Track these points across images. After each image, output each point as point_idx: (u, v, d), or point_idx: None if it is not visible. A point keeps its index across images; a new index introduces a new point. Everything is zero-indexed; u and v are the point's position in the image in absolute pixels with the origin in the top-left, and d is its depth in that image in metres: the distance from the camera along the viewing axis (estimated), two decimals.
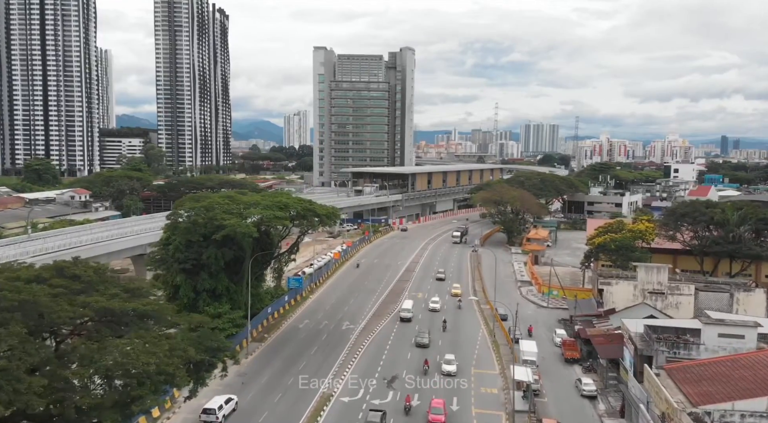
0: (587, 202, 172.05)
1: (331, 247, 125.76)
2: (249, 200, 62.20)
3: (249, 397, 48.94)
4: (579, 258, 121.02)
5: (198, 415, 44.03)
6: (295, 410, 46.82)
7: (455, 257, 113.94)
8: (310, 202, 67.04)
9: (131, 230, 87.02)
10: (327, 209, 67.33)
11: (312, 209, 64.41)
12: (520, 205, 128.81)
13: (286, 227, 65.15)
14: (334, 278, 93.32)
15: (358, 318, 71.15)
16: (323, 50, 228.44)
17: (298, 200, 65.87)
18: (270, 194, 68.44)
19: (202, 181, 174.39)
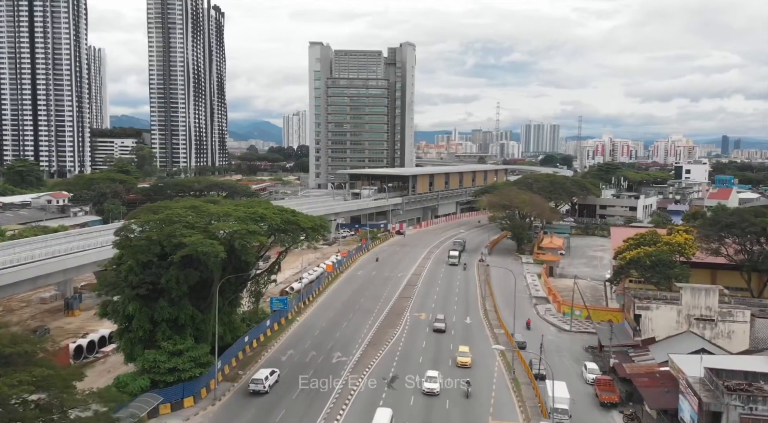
0: (599, 206, 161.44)
1: (325, 255, 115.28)
2: (218, 211, 51.48)
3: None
4: (596, 268, 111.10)
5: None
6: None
7: (460, 270, 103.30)
8: (293, 212, 56.45)
9: (96, 241, 76.32)
10: (313, 221, 56.77)
11: (295, 222, 53.88)
12: (530, 209, 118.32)
13: (263, 244, 54.57)
14: (326, 295, 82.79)
15: (351, 347, 60.61)
16: (319, 46, 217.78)
17: (279, 211, 55.24)
18: (245, 204, 57.72)
19: (189, 184, 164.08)
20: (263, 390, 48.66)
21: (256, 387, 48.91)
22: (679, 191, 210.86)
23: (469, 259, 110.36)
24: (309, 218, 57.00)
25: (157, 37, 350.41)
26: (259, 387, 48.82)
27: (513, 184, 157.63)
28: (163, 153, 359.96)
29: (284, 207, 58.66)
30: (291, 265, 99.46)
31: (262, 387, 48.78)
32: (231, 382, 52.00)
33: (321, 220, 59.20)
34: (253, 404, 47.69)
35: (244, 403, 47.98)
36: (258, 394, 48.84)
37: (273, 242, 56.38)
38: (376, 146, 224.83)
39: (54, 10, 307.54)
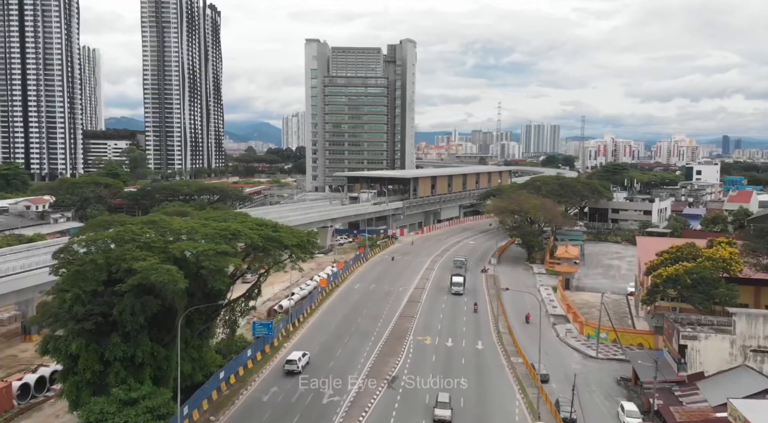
0: (611, 210, 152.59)
1: (320, 266, 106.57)
2: (182, 227, 42.77)
3: None
4: (615, 279, 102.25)
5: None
6: None
7: (469, 283, 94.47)
8: (274, 226, 47.66)
9: (47, 258, 66.70)
10: (299, 236, 48.02)
11: (276, 238, 45.11)
12: (541, 215, 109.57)
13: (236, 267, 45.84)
14: (318, 314, 73.97)
15: (345, 382, 51.79)
16: (316, 43, 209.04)
17: (258, 225, 46.51)
18: (218, 216, 48.85)
19: (177, 187, 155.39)
20: (297, 369, 52.15)
21: (290, 367, 52.49)
22: (691, 193, 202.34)
23: (474, 279, 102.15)
24: (294, 233, 48.28)
25: (151, 36, 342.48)
26: (293, 367, 52.42)
27: (520, 187, 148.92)
28: (158, 155, 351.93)
29: (265, 219, 49.88)
30: (281, 278, 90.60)
31: (296, 367, 52.49)
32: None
33: (309, 235, 50.38)
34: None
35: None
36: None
37: (250, 264, 47.62)
38: (375, 147, 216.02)
39: (45, 10, 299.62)
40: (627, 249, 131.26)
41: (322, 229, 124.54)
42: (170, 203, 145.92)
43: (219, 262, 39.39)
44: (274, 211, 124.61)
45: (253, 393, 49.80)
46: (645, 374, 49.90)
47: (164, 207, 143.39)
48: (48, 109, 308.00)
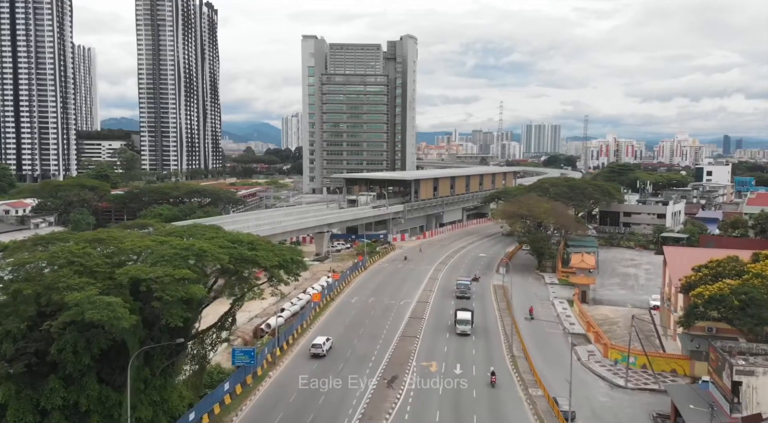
0: (623, 213, 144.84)
1: (314, 275, 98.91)
2: (137, 246, 35.22)
3: None
4: (634, 291, 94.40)
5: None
6: None
7: (473, 292, 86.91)
8: (251, 243, 40.10)
9: None
10: (280, 255, 40.40)
11: (251, 259, 37.55)
12: (553, 220, 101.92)
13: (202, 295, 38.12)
14: (310, 334, 66.10)
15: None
16: (313, 40, 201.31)
17: (231, 241, 38.91)
18: (183, 231, 41.02)
19: (167, 190, 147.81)
20: (322, 352, 56.56)
21: (316, 350, 56.92)
22: (703, 195, 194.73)
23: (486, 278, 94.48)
24: (276, 251, 40.72)
25: (146, 34, 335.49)
26: (318, 350, 56.93)
27: (527, 190, 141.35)
28: (153, 155, 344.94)
29: (241, 234, 42.26)
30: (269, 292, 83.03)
31: (321, 350, 56.94)
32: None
33: (292, 253, 42.74)
34: None
35: None
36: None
37: (218, 290, 39.99)
38: (374, 147, 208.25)
39: (37, 8, 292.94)
40: (642, 255, 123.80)
41: (318, 234, 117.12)
42: (159, 206, 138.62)
43: (175, 292, 31.83)
44: (267, 216, 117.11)
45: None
46: (691, 416, 42.27)
47: (153, 209, 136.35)
48: (40, 109, 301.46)
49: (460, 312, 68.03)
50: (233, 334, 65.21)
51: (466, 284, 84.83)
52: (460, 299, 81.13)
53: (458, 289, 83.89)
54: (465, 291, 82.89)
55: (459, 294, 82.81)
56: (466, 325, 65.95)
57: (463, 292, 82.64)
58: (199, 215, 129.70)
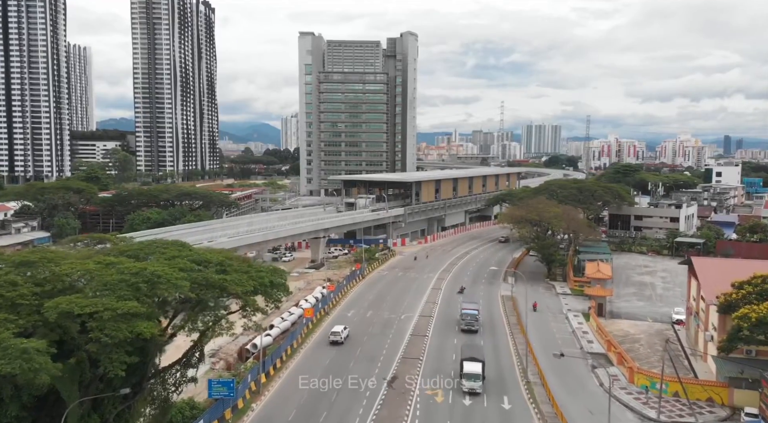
0: (634, 216, 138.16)
1: (309, 284, 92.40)
2: (75, 270, 28.59)
3: None
4: (653, 302, 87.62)
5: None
6: None
7: (483, 309, 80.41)
8: (221, 262, 33.48)
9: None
10: (258, 278, 33.70)
11: (218, 284, 30.89)
12: (565, 226, 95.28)
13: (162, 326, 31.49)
14: (299, 357, 59.34)
15: None
16: (310, 36, 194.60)
17: (196, 263, 32.26)
18: (136, 249, 34.22)
19: (156, 193, 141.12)
20: (340, 340, 60.24)
21: (335, 337, 60.04)
22: (714, 197, 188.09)
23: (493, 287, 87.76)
24: (250, 273, 33.92)
25: (142, 33, 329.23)
26: (337, 337, 60.65)
27: (534, 192, 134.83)
28: (149, 156, 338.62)
29: (211, 251, 35.65)
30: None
31: (339, 338, 60.61)
32: None
33: (272, 275, 35.94)
34: None
35: None
36: None
37: (176, 322, 33.31)
38: (374, 148, 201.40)
39: (29, 6, 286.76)
40: (655, 261, 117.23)
41: (314, 240, 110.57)
42: (148, 210, 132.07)
43: (117, 331, 25.27)
44: (260, 220, 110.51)
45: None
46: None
47: (141, 213, 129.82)
48: (33, 109, 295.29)
49: (468, 363, 51.47)
50: (215, 355, 58.84)
51: (473, 314, 68.23)
52: (465, 333, 66.19)
53: (463, 320, 67.75)
54: (472, 323, 67.13)
55: (464, 327, 66.91)
56: (476, 380, 50.37)
57: (470, 325, 66.94)
58: (189, 219, 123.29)
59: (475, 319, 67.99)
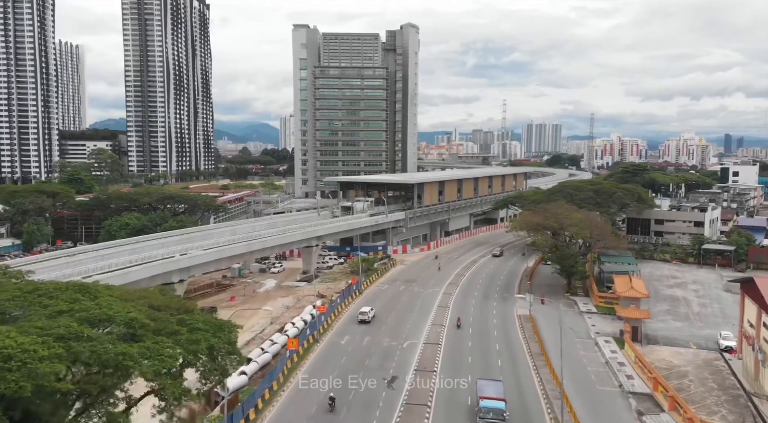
0: (654, 220, 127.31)
1: (299, 302, 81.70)
2: None
3: None
4: (690, 322, 76.76)
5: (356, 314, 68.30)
6: None
7: (497, 329, 69.74)
8: (133, 320, 22.60)
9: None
10: (191, 343, 22.99)
11: (114, 362, 19.89)
12: (589, 234, 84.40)
13: None
14: (278, 407, 48.40)
15: None
16: (305, 29, 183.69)
17: (91, 322, 21.52)
18: (3, 299, 23.44)
19: (136, 196, 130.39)
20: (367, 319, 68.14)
21: (363, 316, 68.84)
22: (734, 198, 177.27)
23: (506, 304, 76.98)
24: (180, 337, 23.12)
25: (133, 29, 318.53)
26: (364, 317, 68.83)
27: (547, 194, 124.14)
28: (141, 156, 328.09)
29: (122, 304, 24.52)
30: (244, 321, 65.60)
31: (367, 317, 68.93)
32: None
33: (212, 335, 25.05)
34: None
35: None
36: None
37: None
38: (373, 147, 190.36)
39: (16, 3, 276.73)
40: (682, 270, 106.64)
41: (306, 249, 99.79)
42: (127, 215, 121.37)
43: None
44: (246, 228, 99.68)
45: None
46: None
47: (120, 218, 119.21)
48: (20, 108, 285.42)
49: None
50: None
51: (497, 409, 42.89)
52: None
53: (482, 417, 42.61)
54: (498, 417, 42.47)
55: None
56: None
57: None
58: (171, 225, 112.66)
59: (502, 417, 42.38)
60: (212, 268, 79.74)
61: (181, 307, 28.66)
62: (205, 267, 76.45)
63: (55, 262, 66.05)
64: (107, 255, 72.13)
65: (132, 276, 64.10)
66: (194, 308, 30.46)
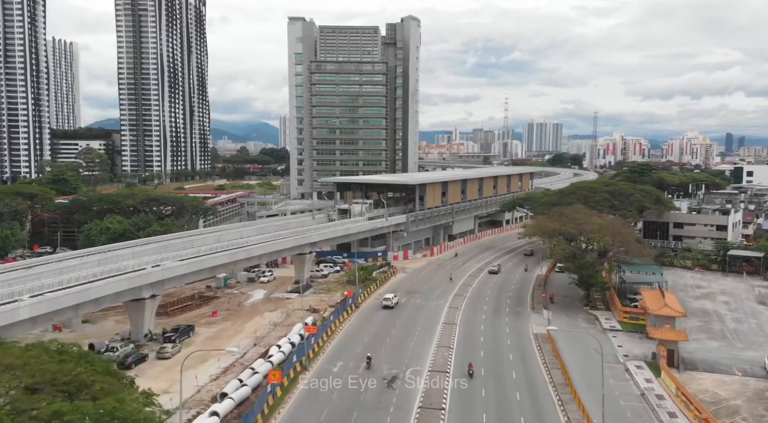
0: (673, 224, 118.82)
1: (287, 317, 73.30)
2: None
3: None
4: (726, 339, 68.49)
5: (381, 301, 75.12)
6: None
7: (512, 356, 61.32)
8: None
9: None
10: None
11: None
12: (610, 241, 75.84)
13: None
14: None
15: None
16: (300, 22, 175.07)
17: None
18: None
19: (119, 199, 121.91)
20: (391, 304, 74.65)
21: (387, 302, 76.13)
22: (752, 199, 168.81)
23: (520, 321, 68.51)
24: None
25: (126, 25, 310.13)
26: (388, 302, 76.26)
27: (559, 195, 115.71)
28: (135, 156, 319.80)
29: None
30: (223, 345, 57.10)
31: (390, 302, 76.25)
32: None
33: None
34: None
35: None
36: None
37: None
38: (372, 146, 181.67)
39: (5, 1, 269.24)
40: (707, 279, 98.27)
41: (298, 257, 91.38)
42: (108, 219, 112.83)
43: None
44: (233, 233, 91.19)
45: None
46: None
47: (100, 223, 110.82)
48: (9, 106, 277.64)
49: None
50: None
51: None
52: None
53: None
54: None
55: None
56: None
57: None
58: (155, 229, 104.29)
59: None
60: (190, 280, 71.38)
61: (75, 380, 20.40)
62: (182, 279, 68.03)
63: (6, 276, 57.64)
64: (70, 267, 63.77)
65: (93, 293, 55.73)
66: (95, 382, 21.96)
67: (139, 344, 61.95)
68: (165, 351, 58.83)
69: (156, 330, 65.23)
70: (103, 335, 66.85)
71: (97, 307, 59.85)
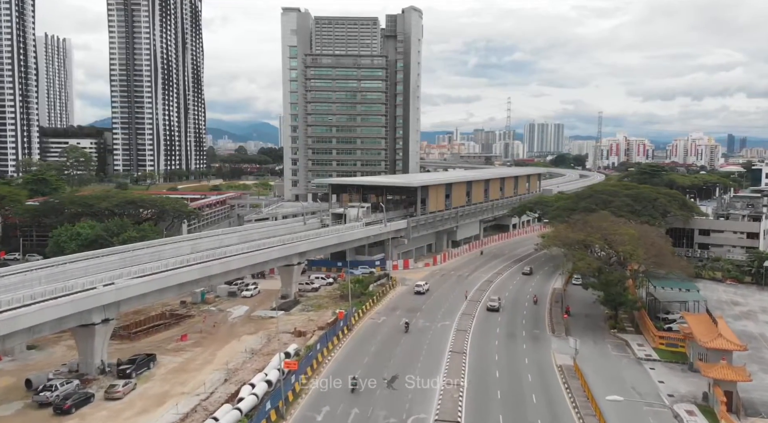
0: (699, 231, 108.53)
1: (269, 342, 63.09)
2: None
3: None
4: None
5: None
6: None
7: (531, 388, 51.03)
8: None
9: None
10: None
11: None
12: (644, 254, 65.38)
13: None
14: None
15: None
16: (295, 13, 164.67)
17: None
18: None
19: (93, 201, 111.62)
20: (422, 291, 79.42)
21: (418, 288, 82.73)
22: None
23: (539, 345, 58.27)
24: None
25: (119, 21, 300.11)
26: (419, 288, 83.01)
27: (574, 199, 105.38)
28: (127, 155, 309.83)
29: None
30: (188, 381, 46.89)
31: (422, 289, 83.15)
32: None
33: None
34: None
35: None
36: None
37: None
38: (371, 146, 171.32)
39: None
40: (741, 293, 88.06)
41: (285, 268, 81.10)
42: (79, 223, 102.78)
43: None
44: (211, 241, 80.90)
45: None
46: None
47: (70, 228, 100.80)
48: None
49: None
50: None
51: None
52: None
53: None
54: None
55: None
56: None
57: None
58: (131, 235, 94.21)
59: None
60: (153, 300, 61.06)
61: None
62: (142, 300, 57.67)
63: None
64: (10, 285, 53.63)
65: (23, 321, 45.48)
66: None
67: (88, 379, 51.81)
68: (115, 390, 48.62)
69: (111, 360, 55.13)
70: (50, 365, 56.74)
71: (34, 336, 49.64)
